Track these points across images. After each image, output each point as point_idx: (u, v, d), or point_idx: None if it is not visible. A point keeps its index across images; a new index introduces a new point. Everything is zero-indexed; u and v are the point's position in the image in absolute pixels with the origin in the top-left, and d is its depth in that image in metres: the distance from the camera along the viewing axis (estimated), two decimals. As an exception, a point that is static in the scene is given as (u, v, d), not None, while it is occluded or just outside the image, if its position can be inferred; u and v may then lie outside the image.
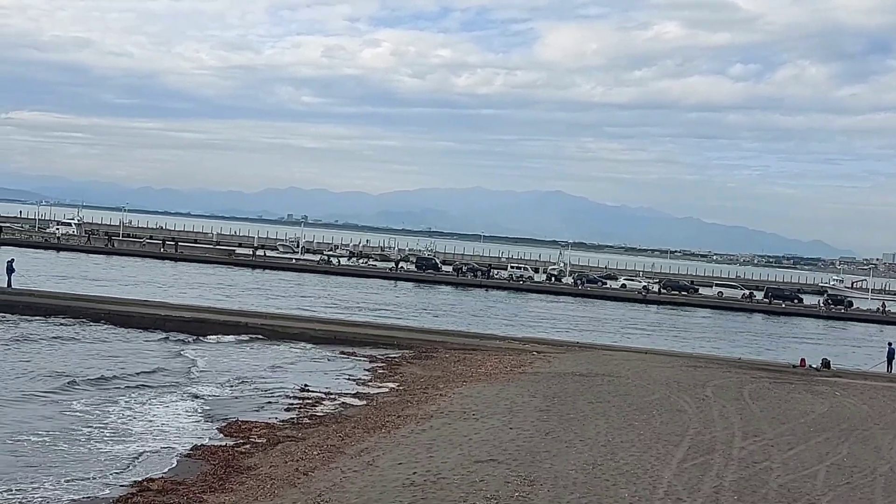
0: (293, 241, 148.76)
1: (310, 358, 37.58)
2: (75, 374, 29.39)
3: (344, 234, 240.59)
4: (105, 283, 64.97)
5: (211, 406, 26.26)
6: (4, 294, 47.04)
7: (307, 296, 72.07)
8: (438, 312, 66.77)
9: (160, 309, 46.09)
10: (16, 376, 28.72)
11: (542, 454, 19.06)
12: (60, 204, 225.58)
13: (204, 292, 65.40)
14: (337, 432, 22.37)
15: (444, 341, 42.93)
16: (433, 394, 28.16)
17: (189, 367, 32.80)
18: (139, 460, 20.09)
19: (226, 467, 19.10)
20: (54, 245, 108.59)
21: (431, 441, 20.32)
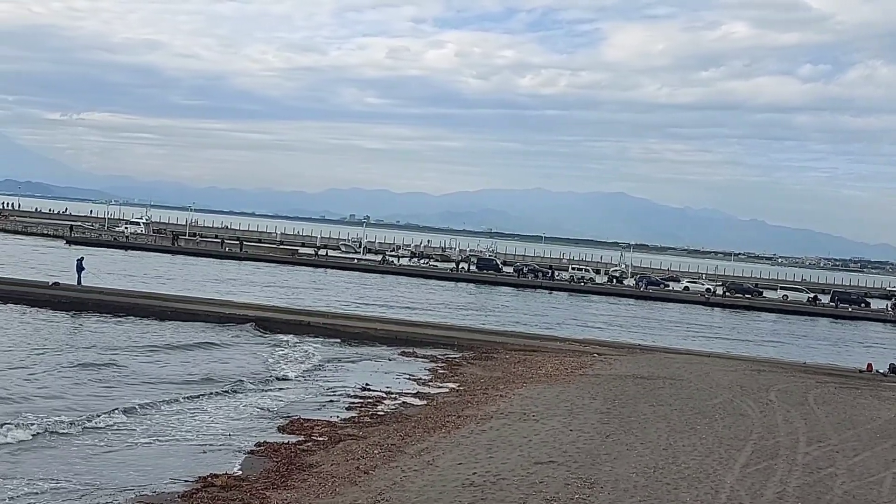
0: (355, 241, 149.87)
1: (371, 357, 37.84)
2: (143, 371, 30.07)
3: (405, 234, 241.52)
4: (171, 282, 66.18)
5: (274, 404, 26.61)
6: (75, 292, 48.16)
7: (368, 296, 72.52)
8: (499, 314, 66.73)
9: (225, 307, 46.81)
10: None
11: (602, 457, 18.98)
12: (129, 203, 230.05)
13: (268, 291, 66.21)
14: (397, 431, 22.52)
15: (504, 342, 42.92)
16: (493, 394, 28.19)
17: (249, 366, 33.24)
18: (204, 456, 20.47)
19: (288, 465, 19.31)
20: (123, 244, 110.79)
21: (491, 442, 20.36)
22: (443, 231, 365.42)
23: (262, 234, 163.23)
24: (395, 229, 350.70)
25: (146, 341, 36.88)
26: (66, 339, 36.24)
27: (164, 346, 35.96)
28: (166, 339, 37.80)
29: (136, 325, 41.38)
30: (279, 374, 31.86)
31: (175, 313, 44.33)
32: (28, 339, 34.92)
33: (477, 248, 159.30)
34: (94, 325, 40.39)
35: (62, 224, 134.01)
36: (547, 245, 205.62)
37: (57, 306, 44.44)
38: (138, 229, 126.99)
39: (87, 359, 31.29)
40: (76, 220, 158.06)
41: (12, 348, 32.45)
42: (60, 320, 41.22)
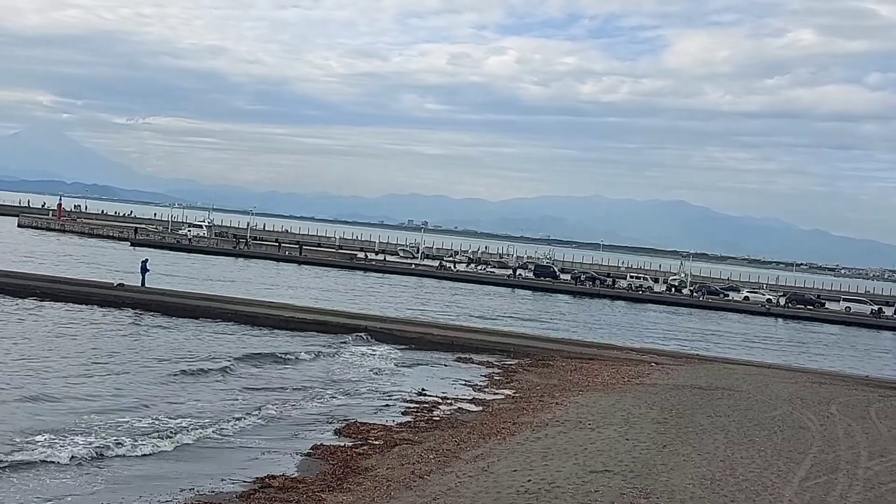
0: (413, 246, 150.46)
1: (427, 362, 37.99)
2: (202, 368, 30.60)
3: (463, 240, 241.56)
4: (232, 284, 67.07)
5: (330, 407, 26.88)
6: (139, 293, 49.07)
7: (425, 301, 72.77)
8: (555, 321, 66.51)
9: (284, 310, 47.33)
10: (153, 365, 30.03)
11: (658, 467, 18.86)
12: (192, 207, 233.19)
13: (326, 295, 66.76)
14: (453, 437, 22.60)
15: (560, 350, 42.79)
16: (549, 402, 28.14)
17: (306, 369, 33.57)
18: (262, 457, 20.75)
19: (344, 467, 19.49)
20: (185, 246, 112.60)
21: (546, 449, 20.35)
22: (500, 237, 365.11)
23: (321, 239, 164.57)
24: (452, 235, 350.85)
25: (206, 345, 37.51)
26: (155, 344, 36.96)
27: (225, 351, 36.52)
28: (231, 344, 38.39)
29: (199, 326, 42.09)
30: (335, 377, 32.16)
31: (235, 315, 44.95)
32: (116, 345, 35.68)
33: (534, 255, 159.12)
34: (160, 332, 41.12)
35: (127, 226, 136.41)
36: (605, 253, 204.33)
37: (121, 307, 45.37)
38: (200, 232, 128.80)
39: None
40: (140, 222, 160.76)
41: (114, 355, 33.03)
42: (150, 325, 42.05)
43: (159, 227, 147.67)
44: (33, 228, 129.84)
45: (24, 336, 34.64)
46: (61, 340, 34.38)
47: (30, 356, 30.55)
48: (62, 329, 37.35)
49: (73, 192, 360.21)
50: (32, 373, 27.62)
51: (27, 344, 32.87)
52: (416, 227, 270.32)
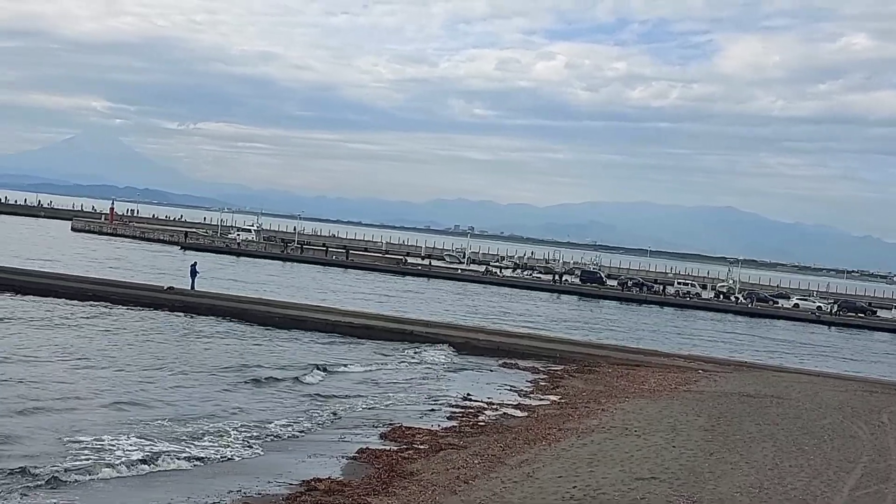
0: (460, 251, 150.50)
1: (473, 367, 38.01)
2: (254, 375, 30.95)
3: (509, 245, 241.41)
4: (280, 288, 67.64)
5: (376, 411, 27.02)
6: (188, 296, 49.68)
7: (471, 306, 72.79)
8: (602, 327, 66.17)
9: (330, 314, 47.64)
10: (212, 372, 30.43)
11: (705, 475, 18.71)
12: (241, 211, 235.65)
13: (371, 299, 67.06)
14: (498, 442, 22.60)
15: (607, 356, 42.57)
16: (595, 408, 28.03)
17: (354, 373, 33.75)
18: (309, 460, 20.91)
19: (389, 471, 19.56)
20: (234, 250, 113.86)
21: (592, 455, 20.28)
22: (547, 243, 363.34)
23: (368, 243, 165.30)
24: (499, 240, 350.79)
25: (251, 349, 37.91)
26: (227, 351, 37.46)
27: (268, 353, 36.87)
28: (279, 348, 38.77)
29: (246, 330, 42.53)
30: (380, 381, 32.31)
31: (283, 319, 45.33)
32: (166, 351, 36.20)
33: (581, 261, 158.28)
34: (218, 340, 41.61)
35: (177, 230, 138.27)
36: (652, 259, 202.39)
37: (171, 310, 45.97)
38: (249, 236, 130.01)
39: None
40: (191, 226, 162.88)
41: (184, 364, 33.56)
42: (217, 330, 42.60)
43: (209, 231, 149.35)
44: (86, 232, 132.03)
45: (85, 339, 35.29)
46: (122, 346, 34.83)
47: (98, 362, 31.06)
48: (121, 335, 37.82)
49: (125, 196, 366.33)
50: (104, 379, 27.97)
51: (91, 348, 33.37)
52: (463, 232, 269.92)
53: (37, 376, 27.26)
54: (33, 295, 46.80)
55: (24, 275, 51.87)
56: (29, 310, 42.19)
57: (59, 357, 31.00)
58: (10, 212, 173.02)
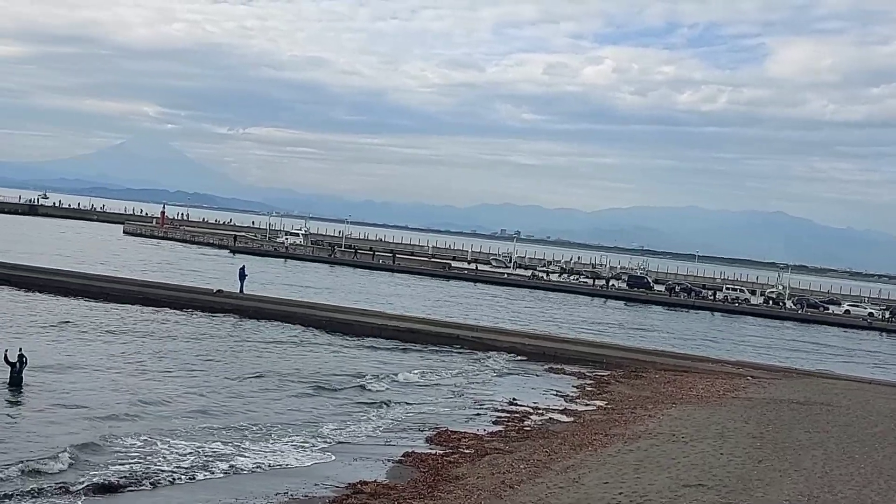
0: (506, 255, 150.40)
1: (519, 372, 37.97)
2: (295, 378, 31.20)
3: (555, 250, 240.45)
4: (327, 291, 68.07)
5: (422, 415, 27.12)
6: (237, 299, 50.21)
7: (518, 310, 72.69)
8: (649, 332, 65.71)
9: (377, 318, 47.85)
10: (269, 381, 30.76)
11: (753, 482, 18.53)
12: (289, 215, 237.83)
13: (417, 303, 67.21)
14: (543, 447, 22.57)
15: (653, 361, 42.30)
16: (641, 414, 27.88)
17: (400, 377, 33.89)
18: (355, 463, 21.05)
19: (435, 475, 19.64)
20: (282, 254, 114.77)
21: (639, 462, 20.17)
22: (593, 248, 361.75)
23: (414, 247, 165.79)
24: (545, 245, 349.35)
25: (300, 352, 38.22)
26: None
27: (315, 357, 37.15)
28: (326, 353, 39.06)
29: (293, 332, 42.89)
30: (427, 385, 32.41)
31: (329, 322, 45.62)
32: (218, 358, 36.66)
33: (628, 266, 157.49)
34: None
35: (227, 234, 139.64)
36: (700, 264, 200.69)
37: (220, 312, 46.48)
38: (297, 240, 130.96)
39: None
40: (239, 230, 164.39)
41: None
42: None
43: (257, 235, 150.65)
44: (138, 236, 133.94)
45: (142, 344, 35.82)
46: (178, 351, 35.14)
47: (155, 366, 31.57)
48: (175, 342, 38.12)
49: (175, 200, 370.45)
50: (164, 386, 28.24)
51: (149, 353, 33.76)
52: (509, 237, 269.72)
53: (104, 383, 27.51)
54: (86, 298, 47.63)
55: (77, 277, 52.81)
56: (87, 313, 42.90)
57: (119, 364, 31.30)
58: (65, 215, 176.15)
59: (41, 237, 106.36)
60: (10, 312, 40.36)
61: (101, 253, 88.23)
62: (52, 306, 43.96)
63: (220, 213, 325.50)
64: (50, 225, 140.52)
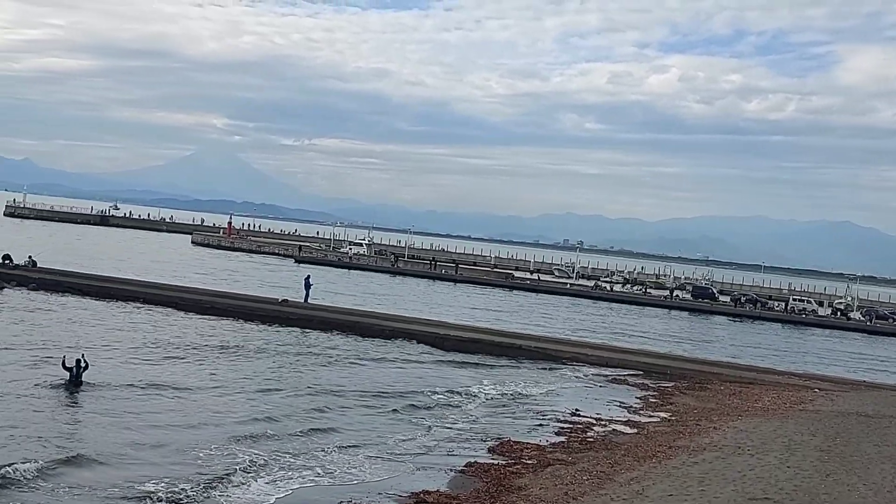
0: (569, 265, 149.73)
1: (581, 383, 37.84)
2: (363, 390, 31.55)
3: (619, 260, 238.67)
4: (389, 301, 68.51)
5: (484, 425, 27.18)
6: (302, 308, 50.80)
7: (580, 321, 72.37)
8: (713, 343, 64.96)
9: (439, 328, 48.04)
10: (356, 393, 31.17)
11: (821, 496, 18.26)
12: (353, 225, 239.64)
13: (479, 313, 67.30)
14: (607, 459, 22.49)
15: (718, 373, 41.84)
16: (706, 426, 27.62)
17: (462, 387, 34.00)
18: (418, 473, 21.21)
19: (497, 486, 19.67)
20: (346, 264, 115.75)
21: (704, 474, 20.01)
22: (657, 258, 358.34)
23: (477, 257, 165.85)
24: (608, 255, 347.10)
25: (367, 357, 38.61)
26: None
27: (386, 366, 37.48)
28: (384, 357, 39.40)
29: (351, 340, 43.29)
30: (489, 395, 32.46)
31: (393, 332, 45.90)
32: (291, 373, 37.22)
33: (692, 276, 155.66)
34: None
35: (292, 244, 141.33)
36: (766, 274, 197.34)
37: (285, 322, 47.07)
38: (360, 250, 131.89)
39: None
40: (304, 240, 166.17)
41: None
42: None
43: (322, 244, 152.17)
44: (205, 246, 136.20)
45: (212, 351, 36.49)
46: (248, 361, 35.66)
47: (230, 377, 32.08)
48: (248, 354, 38.24)
49: (242, 210, 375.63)
50: (240, 400, 28.52)
51: (222, 366, 34.19)
52: (572, 247, 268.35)
53: (183, 396, 27.76)
54: (156, 306, 48.65)
55: (150, 287, 54.00)
56: (158, 323, 43.85)
57: (190, 376, 31.84)
58: (136, 226, 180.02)
59: (112, 247, 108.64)
60: (80, 320, 41.39)
61: (170, 263, 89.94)
62: (122, 315, 44.94)
63: (286, 223, 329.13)
64: (121, 235, 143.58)
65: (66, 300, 48.34)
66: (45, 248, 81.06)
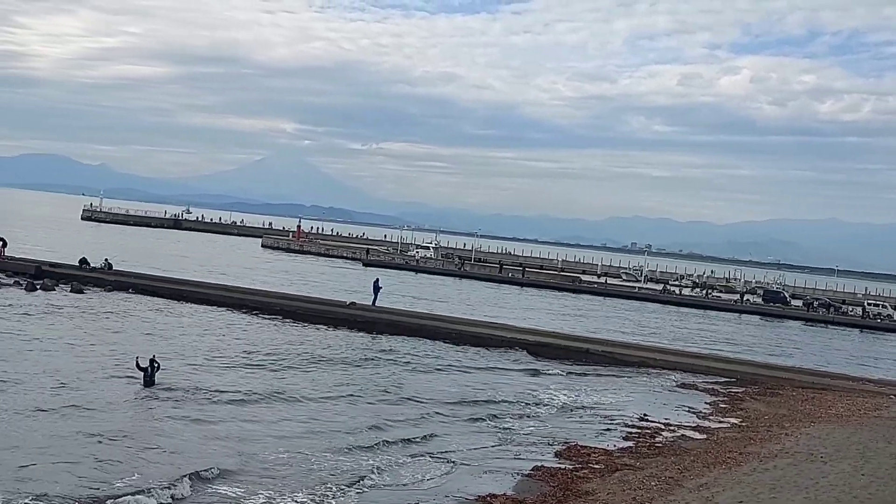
0: (636, 269, 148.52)
1: (649, 387, 37.51)
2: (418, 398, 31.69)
3: (688, 263, 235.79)
4: (457, 305, 68.68)
5: (551, 429, 27.10)
6: (369, 311, 51.16)
7: (648, 325, 71.74)
8: (785, 348, 63.88)
9: (506, 331, 47.99)
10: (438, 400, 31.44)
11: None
12: (420, 229, 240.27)
13: (546, 317, 67.07)
14: (675, 464, 22.27)
15: (790, 378, 41.14)
16: (777, 432, 27.20)
17: (533, 391, 33.96)
18: (484, 476, 21.24)
19: (564, 490, 19.62)
20: (413, 267, 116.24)
21: (775, 482, 19.72)
22: (727, 261, 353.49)
23: (543, 261, 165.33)
24: (676, 258, 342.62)
25: (434, 363, 38.78)
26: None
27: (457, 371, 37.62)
28: (455, 361, 39.53)
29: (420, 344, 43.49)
30: (557, 400, 32.35)
31: (460, 336, 45.99)
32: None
33: (763, 280, 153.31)
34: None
35: (359, 248, 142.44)
36: (840, 278, 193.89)
37: (353, 325, 47.44)
38: (427, 254, 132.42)
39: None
40: (372, 243, 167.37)
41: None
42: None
43: (389, 248, 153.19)
44: (275, 249, 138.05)
45: (282, 355, 36.90)
46: (317, 363, 35.94)
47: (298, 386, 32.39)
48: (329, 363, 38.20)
49: (311, 214, 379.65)
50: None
51: (293, 368, 34.54)
52: (640, 250, 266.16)
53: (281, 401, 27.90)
54: (227, 307, 49.51)
55: (220, 289, 54.95)
56: (229, 324, 44.62)
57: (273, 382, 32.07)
58: (207, 229, 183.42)
59: (185, 250, 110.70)
60: (154, 321, 42.30)
61: (241, 266, 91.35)
62: (194, 317, 45.78)
63: (354, 226, 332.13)
64: (193, 238, 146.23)
65: (140, 301, 49.43)
66: (121, 251, 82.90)
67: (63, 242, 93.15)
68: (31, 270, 54.83)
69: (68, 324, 39.20)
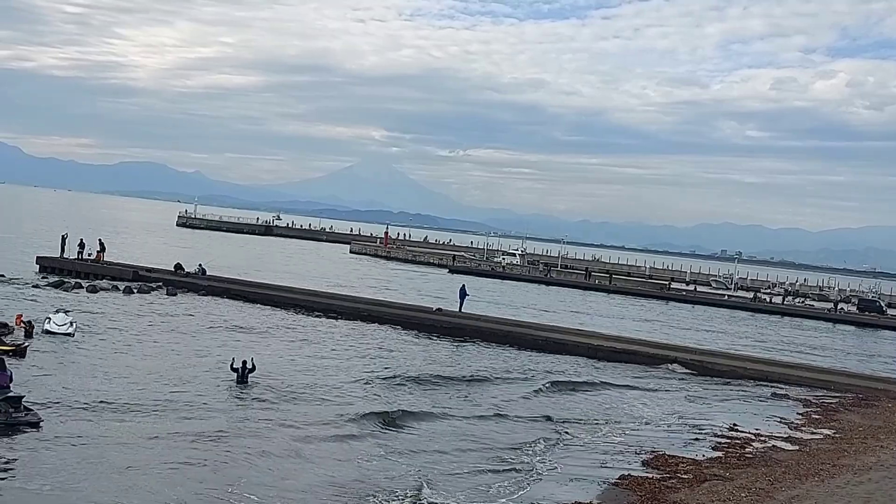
0: (727, 277, 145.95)
1: (739, 397, 36.92)
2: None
3: (779, 271, 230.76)
4: (541, 311, 68.55)
5: (637, 438, 26.93)
6: (455, 317, 51.44)
7: (738, 333, 70.51)
8: (881, 359, 62.07)
9: (592, 338, 47.76)
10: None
11: None
12: (506, 235, 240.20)
13: (634, 324, 66.47)
14: (766, 476, 21.94)
15: (887, 389, 39.99)
16: (873, 445, 26.54)
17: (620, 399, 33.77)
18: (570, 484, 21.24)
19: (652, 499, 19.49)
20: (499, 273, 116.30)
21: (869, 494, 19.29)
22: (820, 269, 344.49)
23: (631, 268, 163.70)
24: (768, 266, 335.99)
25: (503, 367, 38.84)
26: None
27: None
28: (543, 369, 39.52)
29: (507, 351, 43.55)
30: (646, 408, 32.11)
31: (545, 343, 45.91)
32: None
33: (858, 288, 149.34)
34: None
35: (446, 254, 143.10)
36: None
37: (439, 331, 47.78)
38: (513, 260, 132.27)
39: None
40: (458, 250, 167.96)
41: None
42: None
43: (475, 254, 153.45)
44: (363, 255, 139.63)
45: (371, 358, 37.50)
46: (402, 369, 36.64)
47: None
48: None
49: (398, 221, 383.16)
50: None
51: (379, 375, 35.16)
52: (730, 258, 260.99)
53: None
54: (316, 313, 50.39)
55: (309, 295, 55.98)
56: (318, 329, 45.40)
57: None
58: (297, 236, 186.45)
59: (275, 256, 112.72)
60: (246, 326, 43.34)
61: (330, 272, 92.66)
62: (284, 321, 46.72)
63: (441, 232, 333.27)
64: (283, 245, 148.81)
65: (232, 306, 50.66)
66: (214, 256, 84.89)
67: (159, 249, 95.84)
68: (129, 275, 56.62)
69: (163, 326, 40.69)
